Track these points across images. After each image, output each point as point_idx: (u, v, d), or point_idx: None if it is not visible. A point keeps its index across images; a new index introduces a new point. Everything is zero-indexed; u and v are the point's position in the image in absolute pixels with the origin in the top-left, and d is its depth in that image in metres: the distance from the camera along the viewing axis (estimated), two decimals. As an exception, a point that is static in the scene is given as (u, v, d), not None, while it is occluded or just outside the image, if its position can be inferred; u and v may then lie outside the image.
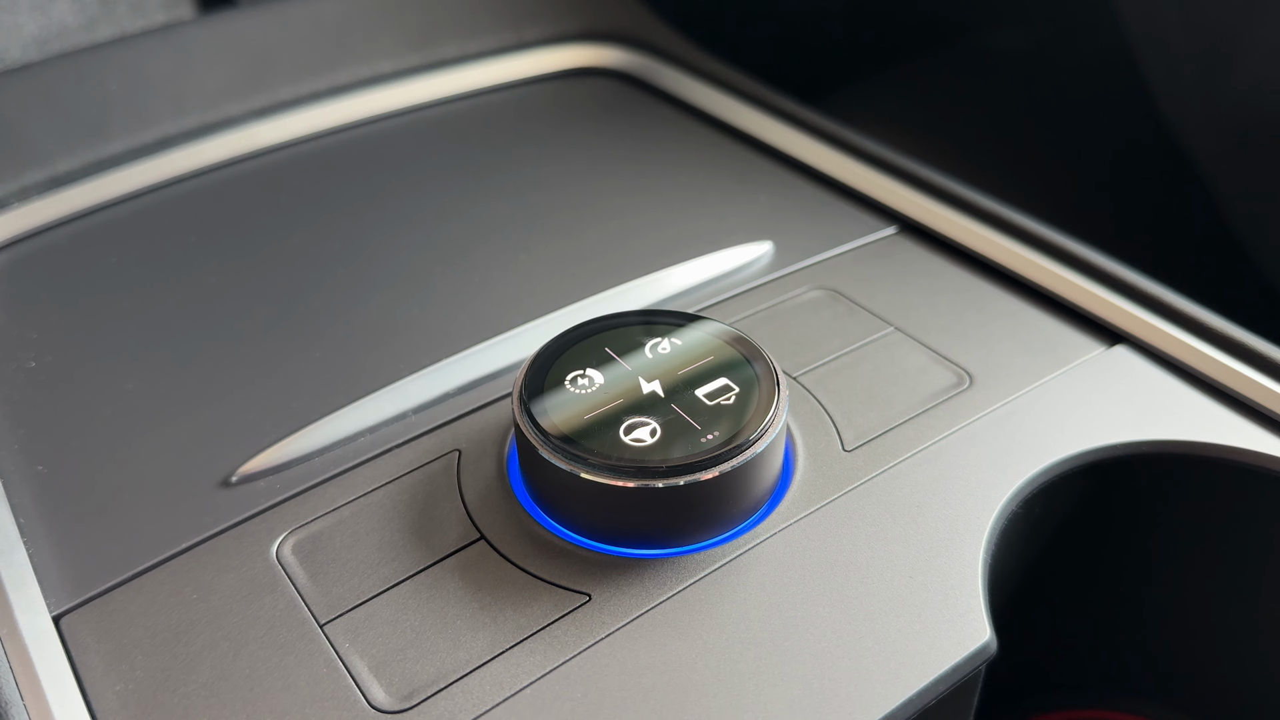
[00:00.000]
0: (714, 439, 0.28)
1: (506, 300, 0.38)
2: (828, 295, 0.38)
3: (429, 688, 0.26)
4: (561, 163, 0.48)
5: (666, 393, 0.30)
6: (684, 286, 0.39)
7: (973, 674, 0.26)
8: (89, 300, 0.39)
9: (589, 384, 0.30)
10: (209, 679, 0.26)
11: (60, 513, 0.31)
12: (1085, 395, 0.33)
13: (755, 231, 0.42)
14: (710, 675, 0.26)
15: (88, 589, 0.28)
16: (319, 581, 0.28)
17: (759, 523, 0.29)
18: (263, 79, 0.50)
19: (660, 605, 0.27)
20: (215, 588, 0.28)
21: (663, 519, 0.28)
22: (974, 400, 0.33)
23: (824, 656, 0.26)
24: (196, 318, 0.38)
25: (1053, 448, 0.32)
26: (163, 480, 0.31)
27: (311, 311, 0.38)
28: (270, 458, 0.32)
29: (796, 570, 0.28)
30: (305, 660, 0.26)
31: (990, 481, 0.30)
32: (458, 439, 0.32)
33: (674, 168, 0.47)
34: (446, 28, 0.55)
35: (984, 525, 0.29)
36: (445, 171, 0.47)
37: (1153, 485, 0.33)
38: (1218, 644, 0.35)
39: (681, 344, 0.31)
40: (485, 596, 0.28)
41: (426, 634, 0.27)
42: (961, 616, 0.27)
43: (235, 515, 0.30)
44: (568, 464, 0.27)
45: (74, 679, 0.26)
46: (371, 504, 0.30)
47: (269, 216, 0.44)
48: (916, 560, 0.28)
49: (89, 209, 0.44)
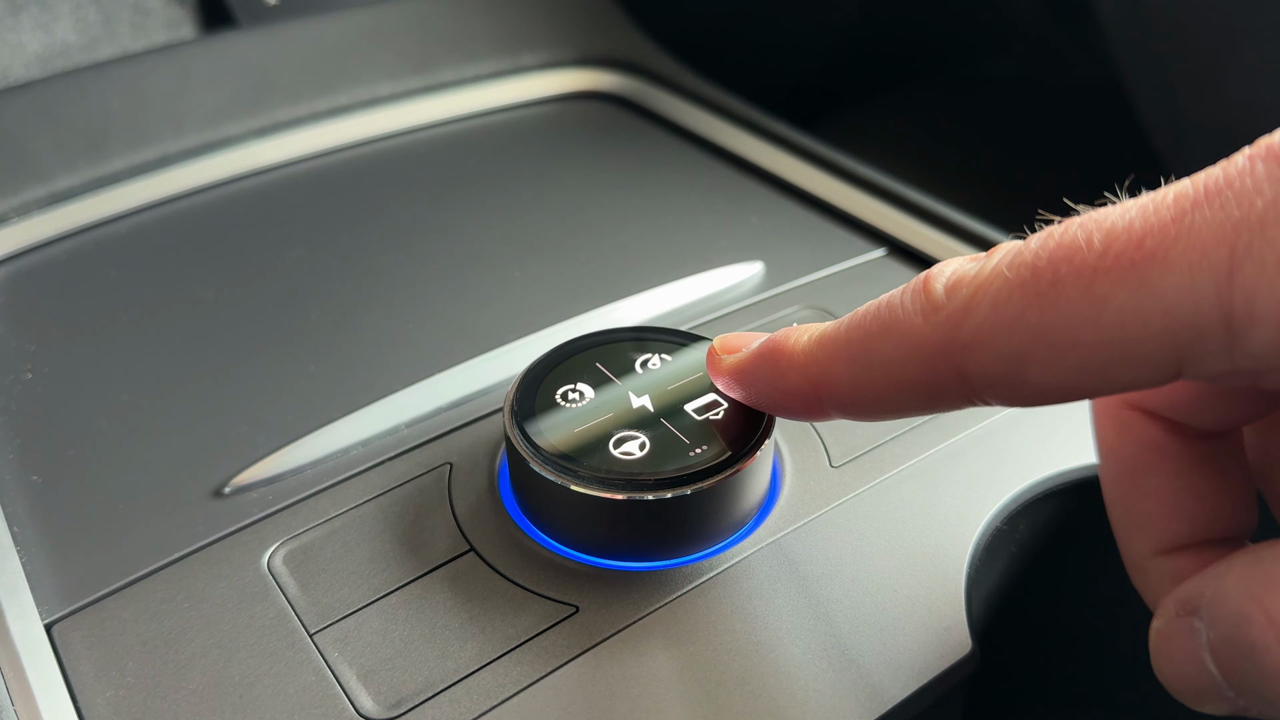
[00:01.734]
0: (702, 453, 0.28)
1: (500, 317, 0.39)
2: (817, 314, 0.39)
3: (417, 696, 0.26)
4: (556, 184, 0.48)
5: (656, 408, 0.30)
6: (676, 305, 0.39)
7: (956, 686, 0.27)
8: (87, 314, 0.40)
9: (580, 399, 0.30)
10: (199, 686, 0.26)
11: (54, 521, 0.31)
12: (1071, 415, 0.34)
13: (746, 252, 0.42)
14: (696, 686, 0.26)
15: (80, 597, 0.29)
16: (309, 591, 0.29)
17: (746, 537, 0.30)
18: (262, 99, 0.51)
19: (647, 617, 0.28)
20: (207, 596, 0.28)
21: (651, 532, 0.28)
22: (960, 418, 0.34)
23: (809, 668, 0.26)
24: (193, 332, 0.38)
25: (1037, 466, 0.32)
26: (156, 490, 0.32)
27: (306, 326, 0.38)
28: (263, 469, 0.32)
29: (782, 584, 0.28)
30: (294, 668, 0.27)
31: (974, 498, 0.31)
32: (449, 452, 0.33)
33: (667, 189, 0.47)
34: (445, 52, 0.55)
35: (968, 540, 0.29)
36: (441, 191, 0.47)
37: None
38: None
39: (672, 360, 0.32)
40: (474, 607, 0.28)
41: (415, 643, 0.27)
42: (945, 630, 0.27)
43: (227, 526, 0.30)
44: (558, 477, 0.28)
45: (65, 685, 0.26)
46: (362, 516, 0.31)
47: (266, 234, 0.44)
48: (901, 574, 0.29)
49: (88, 225, 0.45)
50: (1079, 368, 0.19)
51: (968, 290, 0.20)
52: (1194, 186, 0.18)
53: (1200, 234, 0.17)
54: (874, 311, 0.23)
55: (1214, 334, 0.17)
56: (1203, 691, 0.21)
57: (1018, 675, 0.36)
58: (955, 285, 0.21)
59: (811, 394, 0.24)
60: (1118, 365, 0.19)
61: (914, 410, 0.23)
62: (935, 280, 0.21)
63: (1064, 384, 0.20)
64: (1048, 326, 0.19)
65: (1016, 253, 0.20)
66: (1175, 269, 0.17)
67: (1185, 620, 0.21)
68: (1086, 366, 0.19)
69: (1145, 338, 0.18)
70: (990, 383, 0.20)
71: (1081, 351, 0.19)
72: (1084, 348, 0.19)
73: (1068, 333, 0.19)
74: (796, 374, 0.25)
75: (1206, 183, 0.18)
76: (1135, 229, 0.18)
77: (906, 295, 0.22)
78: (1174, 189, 0.18)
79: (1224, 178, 0.18)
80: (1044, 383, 0.20)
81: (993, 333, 0.20)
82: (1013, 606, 0.33)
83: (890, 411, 0.23)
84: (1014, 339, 0.20)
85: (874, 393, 0.23)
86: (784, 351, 0.25)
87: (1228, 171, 0.18)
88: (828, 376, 0.24)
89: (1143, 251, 0.18)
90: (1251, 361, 0.18)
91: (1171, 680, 0.21)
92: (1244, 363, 0.18)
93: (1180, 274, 0.17)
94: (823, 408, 0.24)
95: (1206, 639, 0.20)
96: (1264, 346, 0.17)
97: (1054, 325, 0.19)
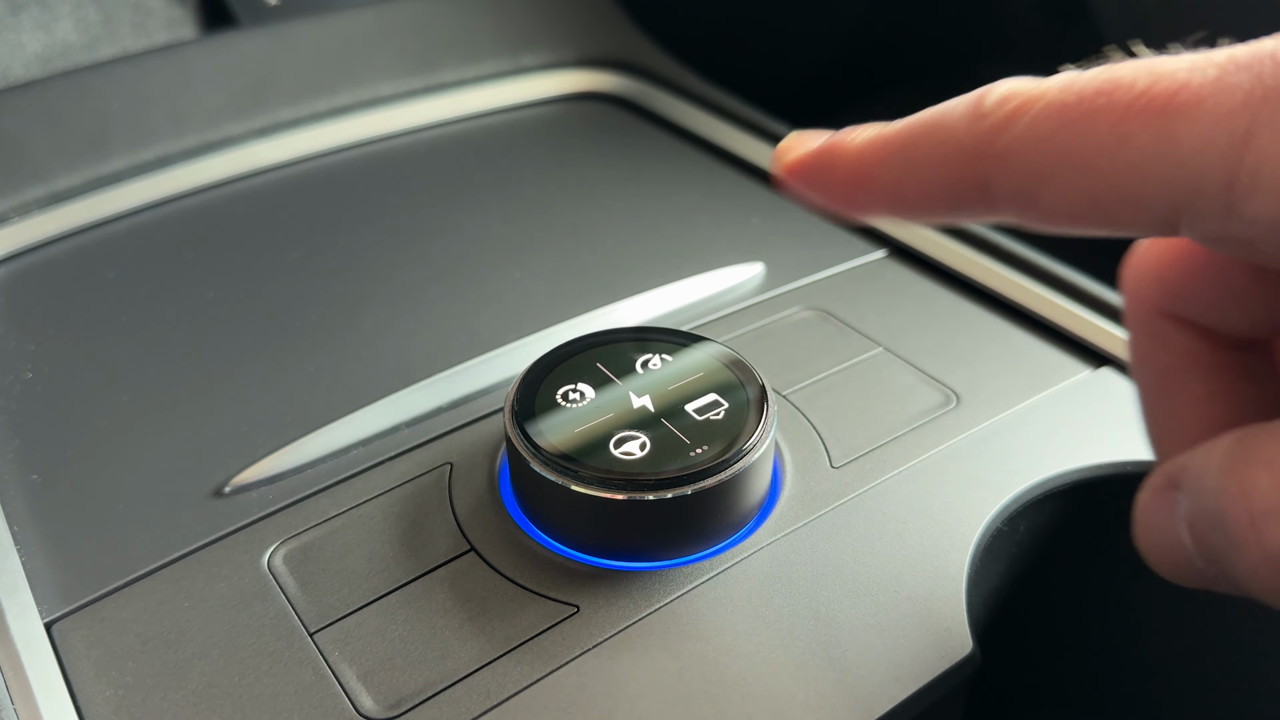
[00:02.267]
0: (703, 453, 0.28)
1: (500, 317, 0.39)
2: (818, 315, 0.39)
3: (416, 696, 0.26)
4: (557, 185, 0.48)
5: (657, 408, 0.30)
6: (676, 305, 0.39)
7: (956, 686, 0.27)
8: (87, 314, 0.40)
9: (580, 399, 0.30)
10: (199, 685, 0.26)
11: (54, 521, 0.31)
12: (1071, 416, 0.34)
13: (747, 253, 0.42)
14: (696, 686, 0.26)
15: (80, 596, 0.29)
16: (309, 591, 0.29)
17: (746, 537, 0.30)
18: (263, 99, 0.51)
19: (648, 617, 0.28)
20: (206, 596, 0.28)
21: (651, 531, 0.28)
22: (961, 419, 0.34)
23: (809, 668, 0.26)
24: (193, 332, 0.38)
25: (1038, 467, 0.32)
26: (156, 490, 0.32)
27: (307, 327, 0.38)
28: (263, 469, 0.32)
29: (783, 584, 0.28)
30: (294, 668, 0.27)
31: (975, 498, 0.31)
32: (450, 452, 0.33)
33: (668, 190, 0.47)
34: (446, 53, 0.55)
35: (968, 541, 0.29)
36: (442, 192, 0.47)
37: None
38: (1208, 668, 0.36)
39: (672, 360, 0.32)
40: (474, 607, 0.28)
41: (415, 643, 0.27)
42: (945, 630, 0.27)
43: (227, 525, 0.30)
44: (558, 476, 0.28)
45: (64, 684, 0.26)
46: (363, 515, 0.31)
47: (267, 234, 0.44)
48: (901, 574, 0.29)
49: (89, 224, 0.45)
50: (1089, 198, 0.20)
51: (1015, 103, 0.21)
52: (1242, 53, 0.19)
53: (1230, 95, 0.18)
54: (927, 113, 0.24)
55: (1216, 194, 0.18)
56: (1176, 562, 0.21)
57: (1018, 676, 0.36)
58: (1006, 97, 0.22)
59: (856, 186, 0.26)
60: (1122, 204, 0.20)
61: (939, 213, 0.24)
62: (992, 90, 0.22)
63: (1072, 210, 0.21)
64: (1072, 151, 0.20)
65: (1072, 78, 0.21)
66: (1198, 123, 0.18)
67: (1168, 494, 0.21)
68: (1096, 198, 0.20)
69: (1152, 181, 0.19)
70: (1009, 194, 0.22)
71: (1094, 181, 0.20)
72: (1097, 178, 0.20)
73: (1087, 160, 0.20)
74: (845, 168, 0.26)
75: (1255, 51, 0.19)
76: (1178, 79, 0.19)
77: (962, 101, 0.23)
78: (1228, 51, 0.19)
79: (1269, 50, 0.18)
80: (1054, 204, 0.21)
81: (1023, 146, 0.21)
82: (1013, 607, 0.33)
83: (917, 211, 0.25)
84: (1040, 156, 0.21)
85: (908, 190, 0.24)
86: (838, 147, 0.26)
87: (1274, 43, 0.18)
88: (873, 171, 0.25)
89: (1175, 101, 0.19)
90: (1246, 228, 0.18)
91: (1147, 550, 0.22)
92: (1238, 228, 0.18)
93: (1201, 128, 0.18)
94: (863, 202, 0.26)
95: (1184, 511, 0.21)
96: (1260, 214, 0.18)
97: (1077, 151, 0.20)
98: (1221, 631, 0.35)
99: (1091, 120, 0.20)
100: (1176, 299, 0.24)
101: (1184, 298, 0.24)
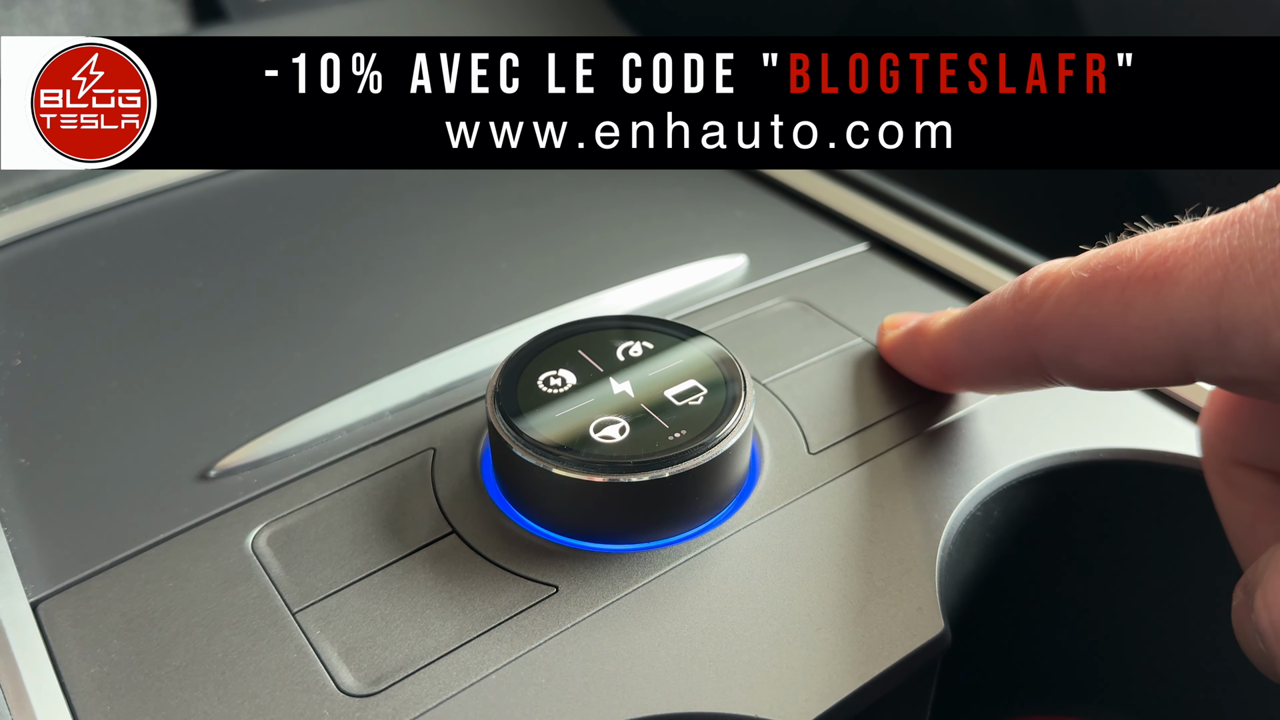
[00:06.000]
0: (681, 438, 0.29)
1: (485, 306, 0.39)
2: (799, 306, 0.39)
3: (397, 673, 0.26)
4: (542, 176, 0.49)
5: (637, 394, 0.30)
6: (660, 296, 0.40)
7: (927, 665, 0.27)
8: (77, 302, 0.40)
9: (562, 385, 0.31)
10: (182, 663, 0.27)
11: (41, 503, 0.31)
12: (1045, 403, 0.34)
13: (730, 245, 0.43)
14: (672, 663, 0.26)
15: (66, 576, 0.29)
16: (292, 571, 0.29)
17: (725, 520, 0.30)
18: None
19: (626, 596, 0.28)
20: (191, 576, 0.29)
21: (630, 513, 0.29)
22: (937, 408, 0.34)
23: (783, 645, 0.27)
24: (180, 319, 0.39)
25: (1012, 453, 0.32)
26: (142, 473, 0.32)
27: (294, 315, 0.39)
28: (248, 453, 0.33)
29: (759, 564, 0.29)
30: (276, 646, 0.27)
31: (950, 484, 0.31)
32: (433, 438, 0.33)
33: (654, 183, 0.48)
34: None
35: (941, 524, 0.30)
36: (430, 184, 0.48)
37: (1111, 492, 0.34)
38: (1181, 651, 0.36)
39: (653, 348, 0.32)
40: (455, 587, 0.28)
41: (396, 622, 0.27)
42: (917, 610, 0.28)
43: (212, 508, 0.31)
44: (539, 460, 0.28)
45: (50, 662, 0.27)
46: (346, 499, 0.31)
47: (255, 224, 0.45)
48: (875, 557, 0.29)
49: (79, 215, 0.45)
50: (1114, 359, 0.23)
51: (1046, 284, 0.25)
52: (1219, 220, 0.21)
53: (1207, 257, 0.21)
54: (983, 300, 0.28)
55: (1208, 342, 0.21)
56: (1260, 664, 0.23)
57: (990, 659, 0.37)
58: (1040, 279, 0.25)
59: (936, 367, 0.31)
60: (1140, 360, 0.22)
61: (1007, 384, 0.28)
62: (1030, 274, 0.26)
63: (1106, 371, 0.24)
64: (1091, 321, 0.23)
65: (1090, 256, 0.24)
66: (1182, 285, 0.21)
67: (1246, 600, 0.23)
68: (1119, 358, 0.23)
69: (1157, 340, 0.22)
70: (1054, 363, 0.25)
71: (1114, 345, 0.23)
72: (1115, 342, 0.23)
73: (1104, 328, 0.23)
74: (927, 350, 0.31)
75: (1229, 216, 0.21)
76: (1167, 248, 0.22)
77: (1008, 286, 0.27)
78: (1210, 219, 0.22)
79: (1240, 214, 0.21)
80: (1091, 368, 0.24)
81: (1055, 320, 0.24)
82: (987, 591, 0.34)
83: (990, 384, 0.29)
84: (1069, 328, 0.24)
85: (976, 367, 0.29)
86: (923, 331, 0.31)
87: (1244, 209, 0.21)
88: (947, 353, 0.30)
89: (1164, 267, 0.21)
90: (1243, 369, 0.21)
91: (1243, 649, 0.24)
92: (1236, 370, 0.21)
93: (1185, 289, 0.21)
94: (945, 379, 0.31)
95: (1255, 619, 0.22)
96: (1249, 354, 0.20)
97: (1096, 321, 0.23)
98: (1197, 616, 0.35)
99: (1103, 292, 0.23)
100: (1239, 447, 0.27)
101: (1244, 445, 0.27)
